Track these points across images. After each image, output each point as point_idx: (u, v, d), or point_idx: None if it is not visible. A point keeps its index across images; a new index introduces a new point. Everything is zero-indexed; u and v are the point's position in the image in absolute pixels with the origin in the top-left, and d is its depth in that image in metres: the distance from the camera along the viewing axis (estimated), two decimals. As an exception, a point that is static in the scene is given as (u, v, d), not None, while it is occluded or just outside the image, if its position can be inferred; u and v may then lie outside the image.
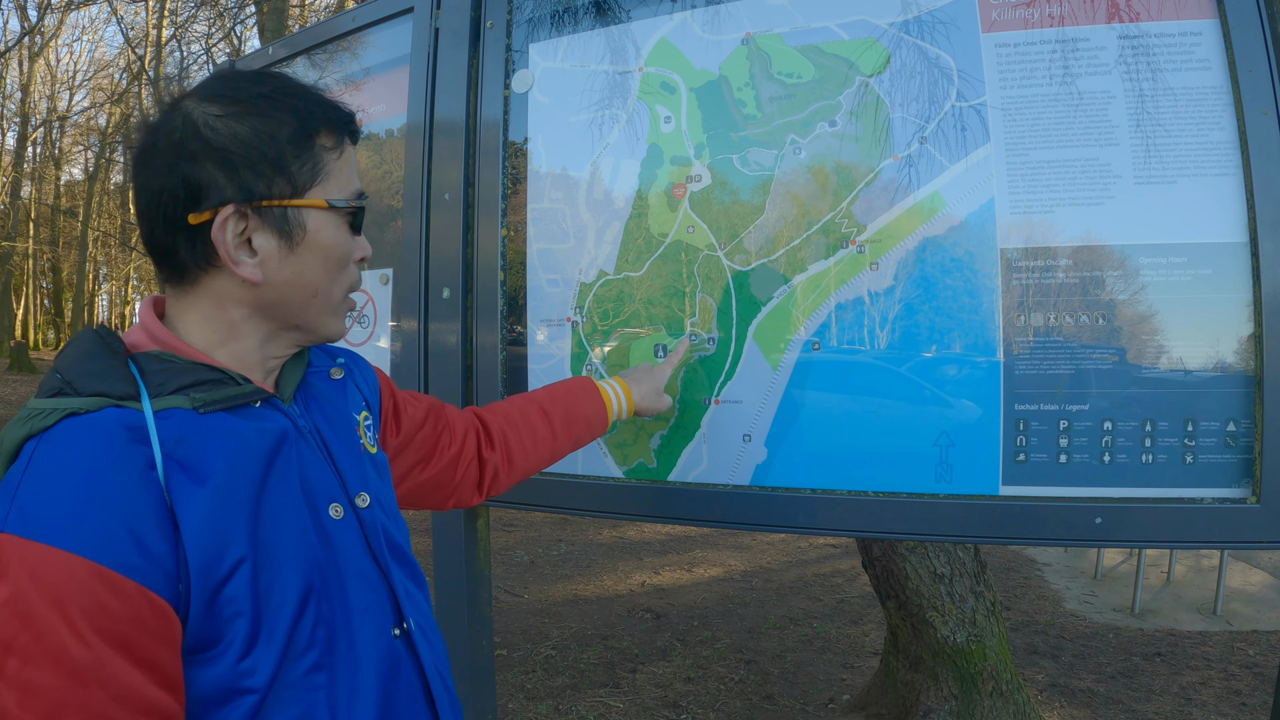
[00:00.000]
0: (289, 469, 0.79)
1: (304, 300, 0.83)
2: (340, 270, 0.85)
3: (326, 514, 0.82)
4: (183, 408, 0.74)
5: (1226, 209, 1.15)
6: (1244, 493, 1.16)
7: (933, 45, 1.26)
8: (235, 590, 0.71)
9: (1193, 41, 1.17)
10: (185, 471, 0.72)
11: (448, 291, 1.60)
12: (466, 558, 1.60)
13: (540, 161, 1.54)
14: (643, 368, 1.38)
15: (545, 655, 3.91)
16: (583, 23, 1.52)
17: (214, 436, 0.75)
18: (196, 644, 0.70)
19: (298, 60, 1.95)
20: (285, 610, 0.74)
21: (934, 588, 2.90)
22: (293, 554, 0.76)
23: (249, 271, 0.79)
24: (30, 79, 22.76)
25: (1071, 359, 1.21)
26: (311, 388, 0.91)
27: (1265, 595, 4.78)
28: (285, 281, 0.81)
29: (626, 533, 6.26)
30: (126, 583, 0.66)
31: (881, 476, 1.28)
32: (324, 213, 0.81)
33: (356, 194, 0.86)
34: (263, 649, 0.72)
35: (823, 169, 1.31)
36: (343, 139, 0.84)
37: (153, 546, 0.67)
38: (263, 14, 9.98)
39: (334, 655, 0.78)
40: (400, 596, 0.88)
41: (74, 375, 0.74)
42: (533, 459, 1.26)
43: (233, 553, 0.72)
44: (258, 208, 0.78)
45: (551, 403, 1.28)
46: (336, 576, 0.81)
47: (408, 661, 0.87)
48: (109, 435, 0.70)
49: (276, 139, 0.78)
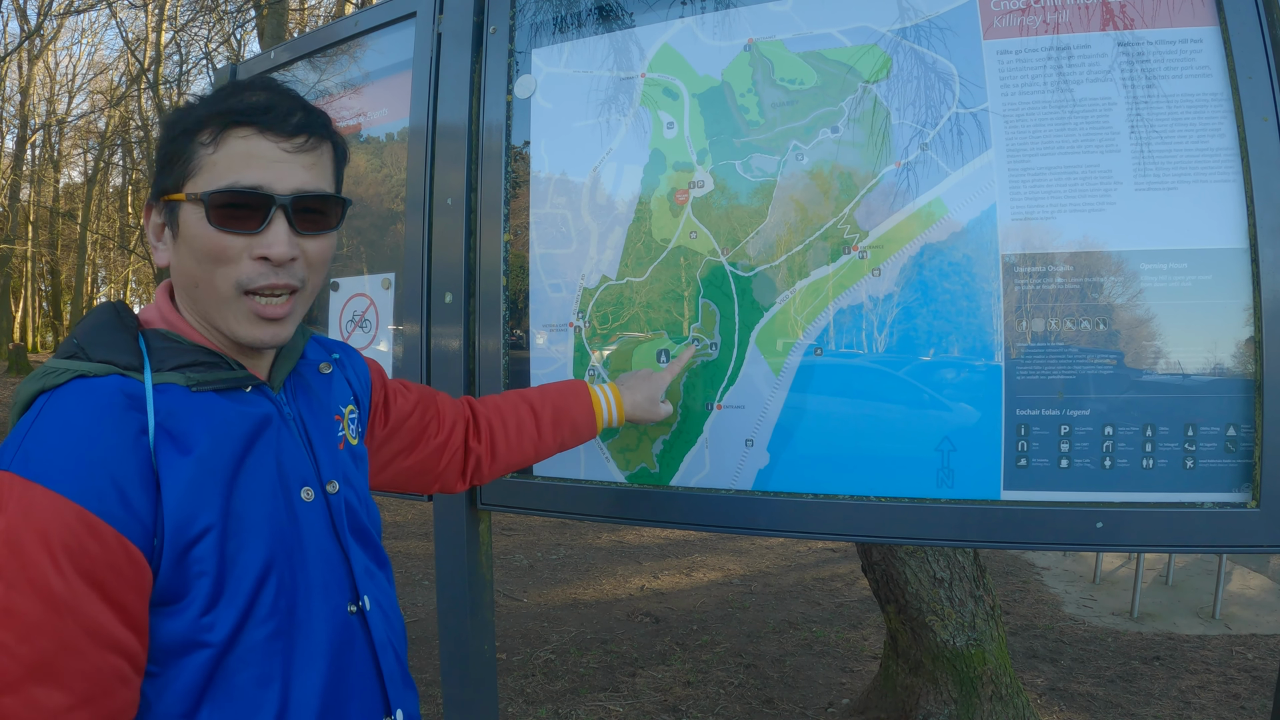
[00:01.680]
0: (267, 451, 0.87)
1: (189, 288, 0.88)
2: (215, 264, 0.84)
3: (298, 496, 0.89)
4: (178, 384, 0.82)
5: (1227, 215, 1.16)
6: (1244, 497, 1.16)
7: (934, 52, 1.26)
8: (203, 551, 0.78)
9: (1193, 48, 1.17)
10: (173, 441, 0.79)
11: (450, 296, 1.60)
12: (469, 562, 1.60)
13: (543, 166, 1.55)
14: (643, 373, 1.38)
15: (544, 659, 3.91)
16: (586, 28, 1.52)
17: (202, 413, 0.82)
18: (164, 596, 0.77)
19: (299, 64, 1.95)
20: (248, 576, 0.81)
21: (934, 592, 2.90)
22: (260, 528, 0.83)
23: (159, 256, 0.89)
24: (30, 82, 22.77)
25: (1073, 364, 1.21)
26: (302, 379, 0.98)
27: (1264, 599, 4.78)
28: (176, 268, 0.88)
29: (625, 537, 6.26)
30: (107, 529, 0.73)
31: (884, 481, 1.28)
32: (191, 206, 0.84)
33: (226, 185, 0.83)
34: (224, 608, 0.79)
35: (825, 175, 1.32)
36: (221, 132, 0.84)
37: (135, 501, 0.75)
38: (262, 18, 9.99)
39: (293, 624, 0.84)
40: (358, 575, 0.94)
41: (88, 342, 0.82)
42: (516, 454, 1.31)
43: (204, 518, 0.79)
44: (160, 201, 0.87)
45: (542, 402, 1.32)
46: (301, 554, 0.87)
47: (360, 637, 0.92)
48: (110, 399, 0.78)
49: (170, 138, 0.86)
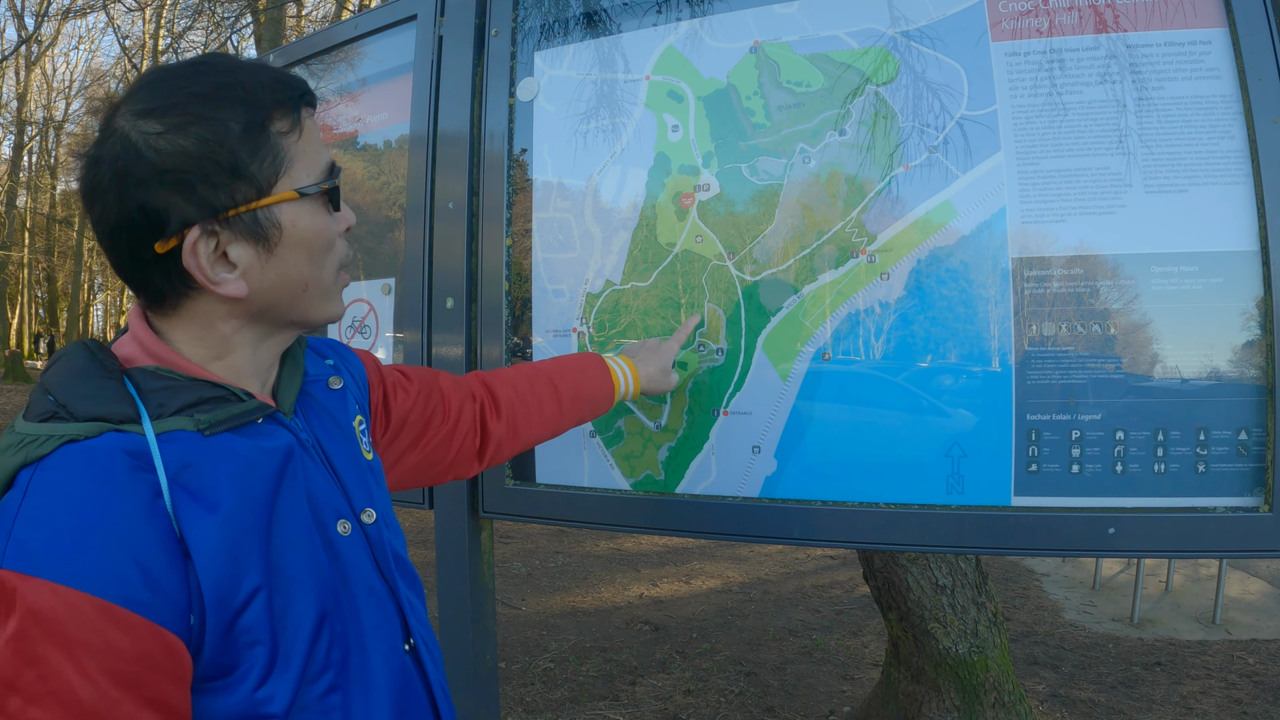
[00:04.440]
0: (296, 487, 0.77)
1: (295, 296, 0.78)
2: (326, 254, 0.80)
3: (334, 530, 0.80)
4: (186, 430, 0.70)
5: (1237, 217, 1.15)
6: (1257, 501, 1.15)
7: (943, 54, 1.25)
8: (252, 619, 0.69)
9: (1202, 50, 1.17)
10: (194, 499, 0.68)
11: (451, 302, 1.58)
12: (470, 571, 1.58)
13: (545, 170, 1.53)
14: (650, 344, 1.35)
15: (544, 668, 3.88)
16: (589, 30, 1.51)
17: (221, 461, 0.71)
18: (212, 672, 0.68)
19: (298, 69, 1.94)
20: (301, 635, 0.72)
21: (936, 599, 2.88)
22: (305, 576, 0.74)
23: (232, 288, 0.73)
24: (27, 87, 22.72)
25: (1084, 368, 1.20)
26: (311, 399, 0.88)
27: (1264, 604, 4.77)
28: (272, 285, 0.76)
29: (624, 544, 6.23)
30: (135, 619, 0.63)
31: (892, 488, 1.27)
32: (297, 203, 0.75)
33: (327, 169, 0.78)
34: (279, 676, 0.70)
35: (832, 178, 1.30)
36: (298, 116, 0.76)
37: (162, 580, 0.64)
38: (260, 24, 9.99)
39: (348, 675, 0.76)
40: (406, 612, 0.86)
41: (68, 397, 0.69)
42: (537, 432, 1.25)
43: (249, 581, 0.69)
44: (225, 220, 0.71)
45: (561, 377, 1.26)
46: (348, 595, 0.79)
47: (416, 677, 0.86)
48: (111, 464, 0.66)
49: (226, 142, 0.70)
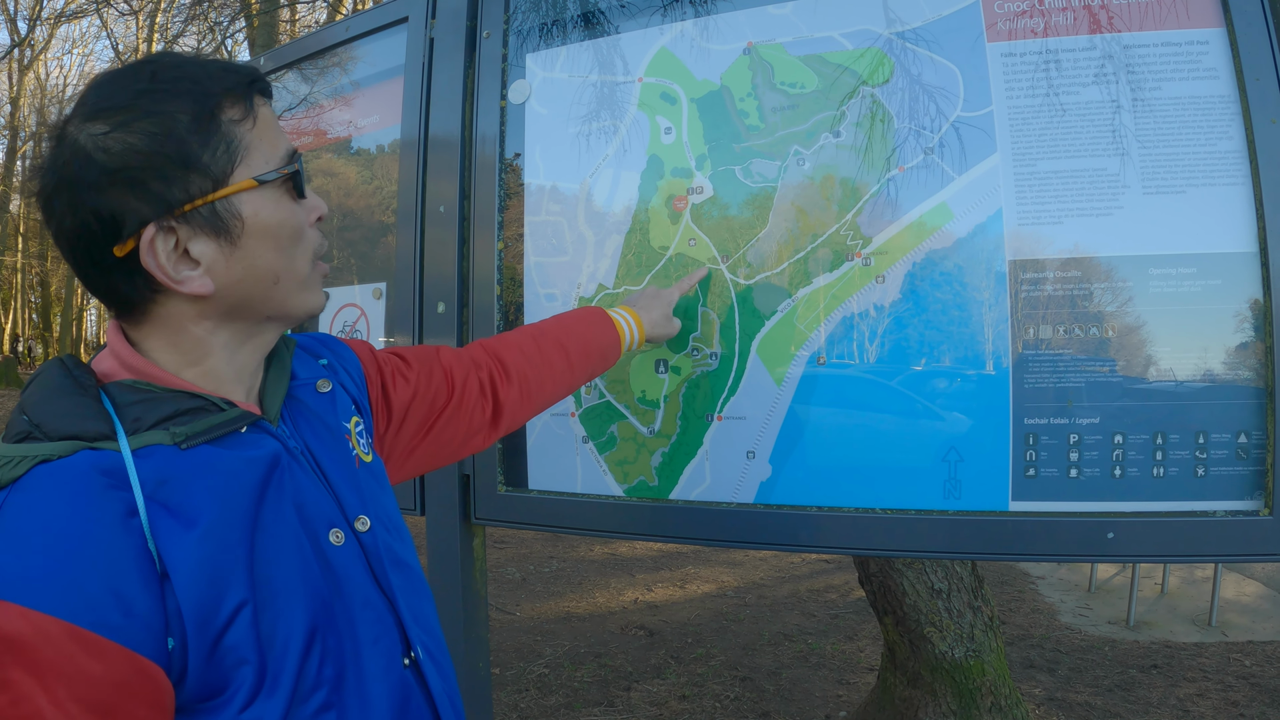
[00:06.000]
0: (282, 498, 0.74)
1: (266, 290, 0.76)
2: (295, 244, 0.77)
3: (327, 540, 0.77)
4: (164, 444, 0.68)
5: (1236, 219, 1.14)
6: (1257, 505, 1.14)
7: (938, 55, 1.24)
8: (237, 637, 0.66)
9: (1199, 50, 1.16)
10: (172, 515, 0.66)
11: (443, 306, 1.57)
12: (463, 578, 1.56)
13: (537, 173, 1.52)
14: (650, 291, 1.33)
15: (538, 674, 3.85)
16: (580, 32, 1.49)
17: (200, 475, 0.69)
18: (201, 693, 0.65)
19: (289, 72, 1.92)
20: (291, 652, 0.69)
21: (931, 603, 2.87)
22: (294, 590, 0.71)
23: (197, 286, 0.71)
24: (20, 92, 22.66)
25: (1081, 371, 1.19)
26: (299, 403, 0.85)
27: (1260, 606, 4.77)
28: (240, 280, 0.74)
29: (619, 549, 6.21)
30: (107, 644, 0.60)
31: (889, 493, 1.25)
32: (256, 192, 0.73)
33: (287, 156, 0.76)
34: (268, 695, 0.67)
35: (827, 181, 1.29)
36: (250, 103, 0.74)
37: (136, 603, 0.62)
38: (253, 29, 9.96)
39: (343, 693, 0.73)
40: (407, 622, 0.82)
41: (42, 416, 0.67)
42: (550, 391, 1.22)
43: (231, 598, 0.66)
44: (182, 215, 0.70)
45: (567, 335, 1.22)
46: (343, 608, 0.76)
47: (418, 692, 0.82)
48: (83, 483, 0.64)
49: (175, 134, 0.68)
